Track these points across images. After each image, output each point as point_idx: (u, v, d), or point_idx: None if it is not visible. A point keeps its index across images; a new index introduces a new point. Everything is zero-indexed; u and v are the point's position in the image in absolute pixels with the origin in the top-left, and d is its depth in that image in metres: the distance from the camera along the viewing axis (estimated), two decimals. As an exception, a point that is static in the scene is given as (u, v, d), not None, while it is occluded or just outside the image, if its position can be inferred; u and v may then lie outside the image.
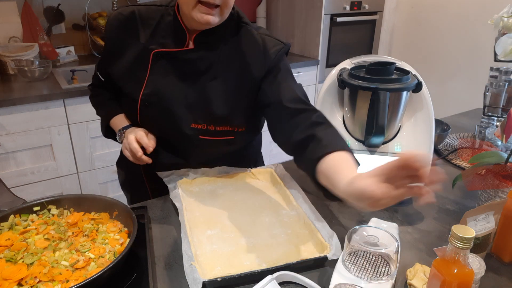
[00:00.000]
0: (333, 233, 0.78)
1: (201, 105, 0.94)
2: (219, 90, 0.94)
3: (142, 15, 0.95)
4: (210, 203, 0.96)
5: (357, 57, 1.04)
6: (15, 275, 0.65)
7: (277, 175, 1.06)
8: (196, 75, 0.93)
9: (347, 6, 2.62)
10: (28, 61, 2.08)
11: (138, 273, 0.72)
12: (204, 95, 0.93)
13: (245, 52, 0.93)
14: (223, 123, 0.96)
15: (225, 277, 0.69)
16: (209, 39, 0.92)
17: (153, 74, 0.94)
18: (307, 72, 2.63)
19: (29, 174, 1.90)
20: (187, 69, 0.93)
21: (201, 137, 0.96)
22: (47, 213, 0.83)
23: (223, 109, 0.94)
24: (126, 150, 0.96)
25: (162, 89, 0.94)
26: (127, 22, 0.95)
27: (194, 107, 0.94)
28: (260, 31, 0.97)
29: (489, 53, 1.22)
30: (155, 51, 0.93)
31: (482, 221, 0.71)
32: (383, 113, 0.91)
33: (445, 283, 0.57)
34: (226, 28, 0.92)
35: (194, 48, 0.92)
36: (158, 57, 0.93)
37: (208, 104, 0.94)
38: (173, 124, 0.95)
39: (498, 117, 1.28)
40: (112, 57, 0.98)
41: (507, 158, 0.82)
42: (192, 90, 0.94)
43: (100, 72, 1.06)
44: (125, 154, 0.97)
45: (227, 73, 0.94)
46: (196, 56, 0.92)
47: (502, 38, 0.92)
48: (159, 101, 0.94)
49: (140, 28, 0.95)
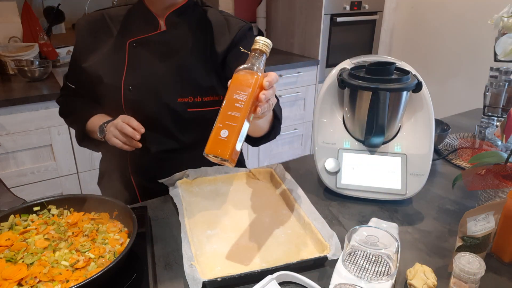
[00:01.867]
0: (333, 233, 0.78)
1: (184, 78, 0.99)
2: (198, 63, 1.00)
3: (111, 15, 1.02)
4: (210, 203, 0.96)
5: (357, 57, 1.04)
6: (15, 275, 0.65)
7: (277, 175, 1.06)
8: (174, 53, 0.99)
9: (347, 6, 2.62)
10: (28, 61, 2.08)
11: (138, 273, 0.72)
12: (186, 69, 0.99)
13: (213, 28, 1.01)
14: (209, 92, 1.01)
15: (225, 277, 0.68)
16: (179, 19, 0.99)
17: (132, 62, 0.98)
18: (307, 72, 2.63)
19: (29, 174, 1.90)
20: (164, 50, 0.99)
21: (189, 110, 1.00)
22: (47, 213, 0.83)
23: (206, 79, 1.00)
24: (115, 139, 0.94)
25: (143, 72, 0.98)
26: (97, 22, 1.01)
27: (178, 82, 0.98)
28: (223, 13, 1.06)
29: (489, 53, 1.22)
30: (130, 41, 0.98)
31: (482, 221, 0.71)
32: (383, 113, 0.91)
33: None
34: (192, 9, 1.02)
35: (167, 30, 0.99)
36: (134, 46, 0.98)
37: (191, 77, 0.99)
38: (159, 102, 0.98)
39: (498, 117, 1.28)
40: (85, 56, 1.01)
41: (507, 158, 0.82)
42: (173, 67, 0.99)
43: (70, 81, 1.09)
44: (114, 142, 0.95)
45: (201, 47, 1.00)
46: (170, 36, 0.99)
47: (502, 38, 0.92)
48: (142, 82, 0.97)
49: (112, 26, 1.01)
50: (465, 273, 0.62)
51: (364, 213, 0.95)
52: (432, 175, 1.10)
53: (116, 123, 0.94)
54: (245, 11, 3.00)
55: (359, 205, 0.98)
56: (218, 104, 1.01)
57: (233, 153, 0.66)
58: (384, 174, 0.97)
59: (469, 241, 0.70)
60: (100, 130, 0.99)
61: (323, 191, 1.04)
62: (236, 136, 0.65)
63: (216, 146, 0.65)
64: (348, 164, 1.00)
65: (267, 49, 0.69)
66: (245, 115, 0.65)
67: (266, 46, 0.69)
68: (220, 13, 1.05)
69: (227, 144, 0.65)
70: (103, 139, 0.99)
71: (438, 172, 1.16)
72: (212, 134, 0.66)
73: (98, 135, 1.00)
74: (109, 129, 0.96)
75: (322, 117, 1.04)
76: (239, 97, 0.66)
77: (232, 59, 1.00)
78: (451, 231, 0.88)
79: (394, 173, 0.97)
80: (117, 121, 0.94)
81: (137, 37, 0.98)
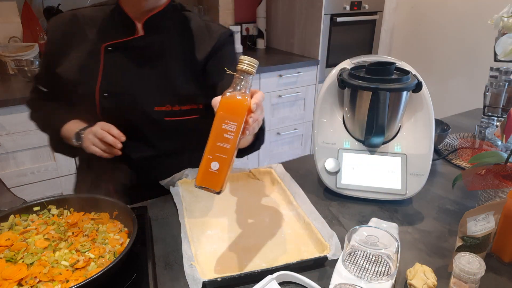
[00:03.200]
0: (333, 233, 0.78)
1: (163, 86, 0.96)
2: (177, 70, 0.97)
3: (84, 16, 0.97)
4: (210, 203, 0.96)
5: (357, 57, 1.04)
6: (15, 275, 0.65)
7: (277, 175, 1.06)
8: (152, 59, 0.96)
9: (347, 6, 2.62)
10: (28, 61, 2.08)
11: (138, 273, 0.72)
12: (164, 77, 0.96)
13: (193, 34, 0.99)
14: (187, 101, 0.98)
15: (225, 277, 0.68)
16: (158, 24, 0.96)
17: (108, 67, 0.94)
18: (307, 72, 2.63)
19: (29, 174, 1.90)
20: (142, 55, 0.96)
21: (167, 119, 0.97)
22: (47, 213, 0.83)
23: (185, 87, 0.97)
24: (93, 147, 0.90)
25: (119, 78, 0.95)
26: (71, 24, 0.96)
27: (155, 89, 0.96)
28: (203, 18, 1.03)
29: (489, 53, 1.22)
30: (105, 45, 0.94)
31: (482, 221, 0.71)
32: (383, 113, 0.91)
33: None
34: (172, 14, 0.98)
35: (145, 35, 0.95)
36: (110, 50, 0.94)
37: (170, 85, 0.96)
38: (136, 109, 0.95)
39: (498, 117, 1.28)
40: (58, 59, 0.96)
41: (507, 158, 0.82)
42: (151, 73, 0.96)
43: (41, 84, 1.03)
44: (92, 150, 0.90)
45: (180, 54, 0.97)
46: (148, 41, 0.95)
47: (502, 38, 0.92)
48: (118, 89, 0.94)
49: (86, 27, 0.96)
50: (465, 273, 0.62)
51: (364, 213, 0.95)
52: (432, 175, 1.10)
53: (95, 130, 0.89)
54: (245, 11, 3.00)
55: (359, 205, 0.98)
56: (197, 112, 0.99)
57: (224, 185, 0.65)
58: (384, 174, 0.97)
59: (469, 241, 0.70)
60: (76, 137, 0.94)
61: (323, 191, 1.04)
62: (227, 168, 0.64)
63: (207, 179, 0.64)
64: (348, 164, 1.00)
65: (253, 69, 0.65)
66: (235, 145, 0.64)
67: (252, 66, 0.65)
68: (201, 18, 1.02)
69: (218, 177, 0.64)
70: (80, 146, 0.94)
71: (438, 172, 1.16)
72: (202, 165, 0.64)
73: (75, 142, 0.94)
74: (87, 136, 0.91)
75: (322, 117, 1.04)
76: (228, 127, 0.64)
77: (213, 67, 0.98)
78: (451, 231, 0.88)
79: (394, 173, 0.97)
80: (95, 128, 0.90)
81: (113, 42, 0.94)
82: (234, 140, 0.64)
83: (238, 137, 0.64)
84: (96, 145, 0.90)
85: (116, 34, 0.94)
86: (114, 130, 0.90)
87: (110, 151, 0.91)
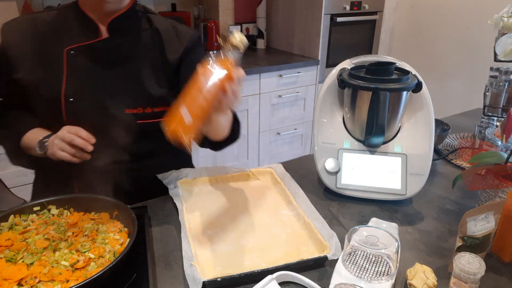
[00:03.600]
0: (333, 233, 0.78)
1: (133, 88, 0.94)
2: (148, 72, 0.96)
3: (41, 20, 0.93)
4: (210, 203, 0.96)
5: (357, 57, 1.04)
6: (15, 275, 0.65)
7: (277, 175, 1.06)
8: (119, 62, 0.94)
9: (347, 6, 2.62)
10: (28, 61, 2.08)
11: (138, 273, 0.72)
12: (134, 78, 0.94)
13: (161, 36, 0.98)
14: (160, 103, 0.96)
15: (225, 277, 0.68)
16: (123, 25, 0.94)
17: (72, 71, 0.91)
18: (307, 72, 2.63)
19: (29, 174, 1.88)
20: (108, 58, 0.94)
21: (139, 121, 0.94)
22: (47, 213, 0.83)
23: (157, 89, 0.96)
24: (61, 152, 0.85)
25: (85, 82, 0.92)
26: (26, 28, 0.92)
27: (125, 92, 0.94)
28: (168, 20, 1.03)
29: (489, 53, 1.22)
30: (67, 49, 0.91)
31: (482, 221, 0.71)
32: (383, 113, 0.91)
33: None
34: (135, 16, 0.97)
35: (110, 37, 0.93)
36: (73, 54, 0.91)
37: (140, 86, 0.95)
38: (105, 113, 0.92)
39: (498, 117, 1.28)
40: (16, 65, 0.91)
41: (507, 158, 0.82)
42: (119, 76, 0.94)
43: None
44: (60, 155, 0.85)
45: (149, 56, 0.96)
46: (113, 44, 0.93)
47: (502, 38, 0.92)
48: (85, 93, 0.91)
49: (45, 32, 0.92)
50: (465, 273, 0.62)
51: (364, 213, 0.95)
52: (432, 175, 1.10)
53: (62, 135, 0.85)
54: (245, 11, 3.00)
55: (359, 205, 0.98)
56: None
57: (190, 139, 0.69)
58: (384, 174, 0.97)
59: (469, 241, 0.71)
60: (40, 146, 0.89)
61: (323, 191, 1.04)
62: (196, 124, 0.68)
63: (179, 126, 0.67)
64: (348, 164, 1.00)
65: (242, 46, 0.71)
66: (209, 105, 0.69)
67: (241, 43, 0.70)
68: (166, 20, 1.01)
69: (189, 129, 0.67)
70: (44, 155, 0.89)
71: (438, 172, 1.16)
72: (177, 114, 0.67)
73: (38, 151, 0.89)
74: (53, 142, 0.86)
75: (322, 117, 1.04)
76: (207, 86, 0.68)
77: (185, 69, 0.97)
78: (451, 231, 0.88)
79: (394, 173, 0.97)
80: (62, 133, 0.85)
81: (75, 45, 0.91)
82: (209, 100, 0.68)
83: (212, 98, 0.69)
84: (64, 149, 0.85)
85: (78, 37, 0.92)
86: (82, 132, 0.85)
87: (80, 155, 0.86)
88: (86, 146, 0.85)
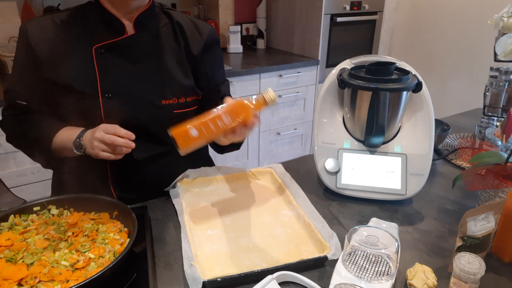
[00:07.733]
0: (333, 233, 0.78)
1: (166, 80, 0.97)
2: (176, 64, 0.99)
3: (62, 20, 0.93)
4: (210, 203, 0.96)
5: (357, 57, 1.04)
6: (15, 275, 0.65)
7: (277, 175, 1.06)
8: (150, 56, 0.97)
9: (347, 6, 2.62)
10: (28, 61, 2.08)
11: (138, 273, 0.72)
12: (166, 71, 0.98)
13: (184, 29, 1.01)
14: (191, 92, 1.01)
15: (225, 277, 0.69)
16: (147, 22, 0.96)
17: (103, 68, 0.92)
18: (307, 72, 2.63)
19: (29, 174, 1.90)
20: (136, 53, 0.96)
21: (175, 111, 0.98)
22: (47, 213, 0.83)
23: (186, 79, 1.00)
24: (104, 153, 0.84)
25: (119, 77, 0.94)
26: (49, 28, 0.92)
27: (160, 84, 0.97)
28: (186, 15, 1.06)
29: (489, 53, 1.22)
30: (95, 47, 0.92)
31: (482, 221, 0.71)
32: (383, 113, 0.91)
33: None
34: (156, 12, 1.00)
35: (136, 33, 0.95)
36: (101, 52, 0.92)
37: (173, 78, 0.98)
38: (143, 106, 0.95)
39: (498, 117, 1.28)
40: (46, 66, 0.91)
41: (507, 158, 0.82)
42: (149, 70, 0.97)
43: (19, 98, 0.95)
44: (103, 156, 0.85)
45: (176, 49, 1.00)
46: (141, 39, 0.96)
47: (502, 38, 0.91)
48: (121, 88, 0.93)
49: (70, 31, 0.93)
50: (465, 273, 0.62)
51: (364, 213, 0.95)
52: (432, 175, 1.10)
53: (101, 137, 0.83)
54: (245, 11, 3.00)
55: (359, 205, 0.98)
56: (197, 103, 1.04)
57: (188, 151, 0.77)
58: (384, 174, 0.97)
59: (469, 241, 0.71)
60: (77, 146, 0.88)
61: (323, 191, 1.04)
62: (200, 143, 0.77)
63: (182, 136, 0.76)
64: (348, 164, 1.00)
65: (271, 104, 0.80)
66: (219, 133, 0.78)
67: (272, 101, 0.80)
68: (183, 15, 1.04)
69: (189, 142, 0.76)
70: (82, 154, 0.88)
71: (438, 172, 1.16)
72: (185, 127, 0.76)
73: (75, 152, 0.88)
74: (93, 144, 0.85)
75: (322, 117, 1.04)
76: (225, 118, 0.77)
77: (205, 65, 1.03)
78: (451, 231, 0.88)
79: (394, 173, 0.97)
80: (100, 134, 0.83)
81: (103, 43, 0.92)
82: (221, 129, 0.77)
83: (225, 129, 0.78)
84: (106, 150, 0.85)
85: (104, 35, 0.93)
86: (120, 130, 0.85)
87: (120, 151, 0.86)
88: (128, 144, 0.85)
